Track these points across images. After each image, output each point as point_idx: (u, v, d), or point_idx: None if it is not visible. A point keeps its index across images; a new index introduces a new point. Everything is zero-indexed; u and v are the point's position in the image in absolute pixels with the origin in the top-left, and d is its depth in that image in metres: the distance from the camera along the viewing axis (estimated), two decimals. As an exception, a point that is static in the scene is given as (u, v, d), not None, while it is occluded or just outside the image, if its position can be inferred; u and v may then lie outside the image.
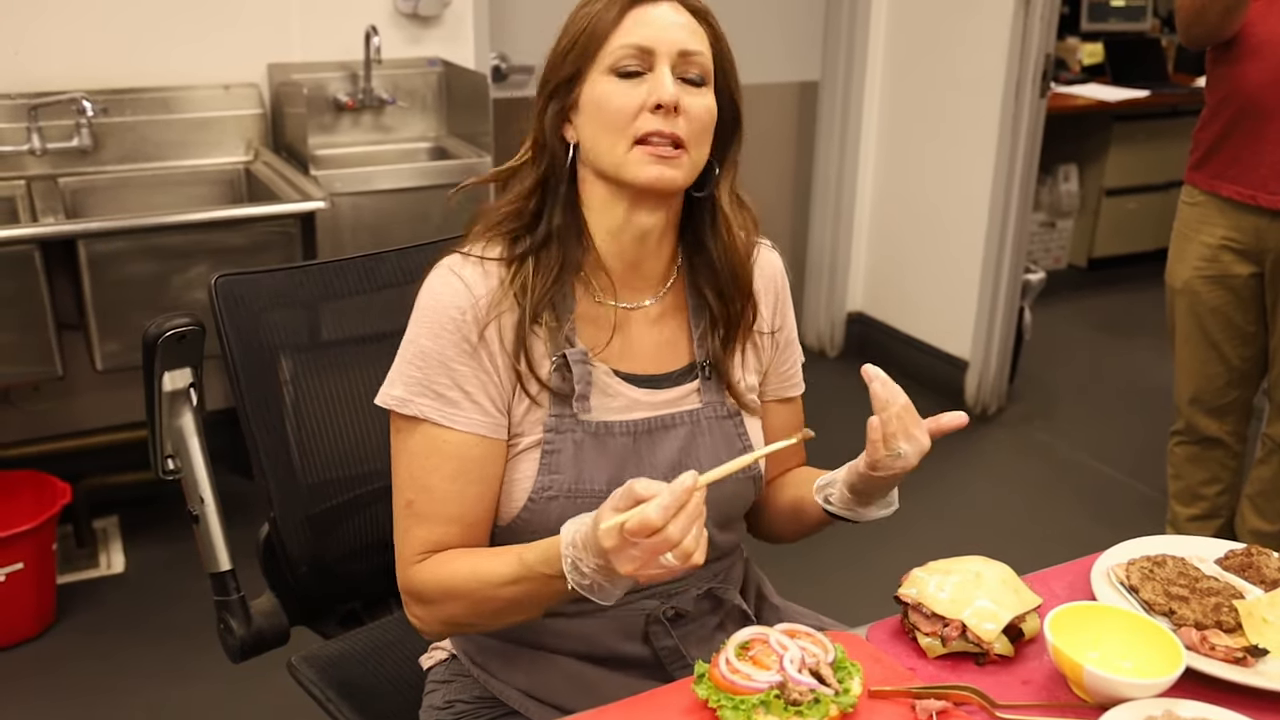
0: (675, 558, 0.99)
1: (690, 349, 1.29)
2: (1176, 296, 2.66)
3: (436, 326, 1.18)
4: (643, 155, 1.15)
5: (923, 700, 1.08)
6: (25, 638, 2.55)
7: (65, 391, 2.96)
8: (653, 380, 1.26)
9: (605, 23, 1.16)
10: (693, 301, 1.29)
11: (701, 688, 1.06)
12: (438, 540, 1.20)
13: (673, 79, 1.16)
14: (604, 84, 1.16)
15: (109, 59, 2.88)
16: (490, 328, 1.18)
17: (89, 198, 2.86)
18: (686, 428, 1.26)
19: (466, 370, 1.18)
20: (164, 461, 1.45)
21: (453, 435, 1.18)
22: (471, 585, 1.15)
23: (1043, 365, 4.23)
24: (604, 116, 1.16)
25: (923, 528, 3.06)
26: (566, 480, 1.20)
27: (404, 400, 1.18)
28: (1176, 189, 5.20)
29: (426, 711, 1.35)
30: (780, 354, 1.37)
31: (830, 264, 4.22)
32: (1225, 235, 2.54)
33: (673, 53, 1.16)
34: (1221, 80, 2.49)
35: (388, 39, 3.12)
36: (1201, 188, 2.58)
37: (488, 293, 1.19)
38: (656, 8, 1.17)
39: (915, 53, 3.90)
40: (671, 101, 1.14)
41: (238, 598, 1.48)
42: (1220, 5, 2.35)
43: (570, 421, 1.20)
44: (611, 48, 1.16)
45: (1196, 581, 1.24)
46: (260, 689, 2.30)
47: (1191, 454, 2.76)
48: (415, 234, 2.07)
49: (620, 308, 1.25)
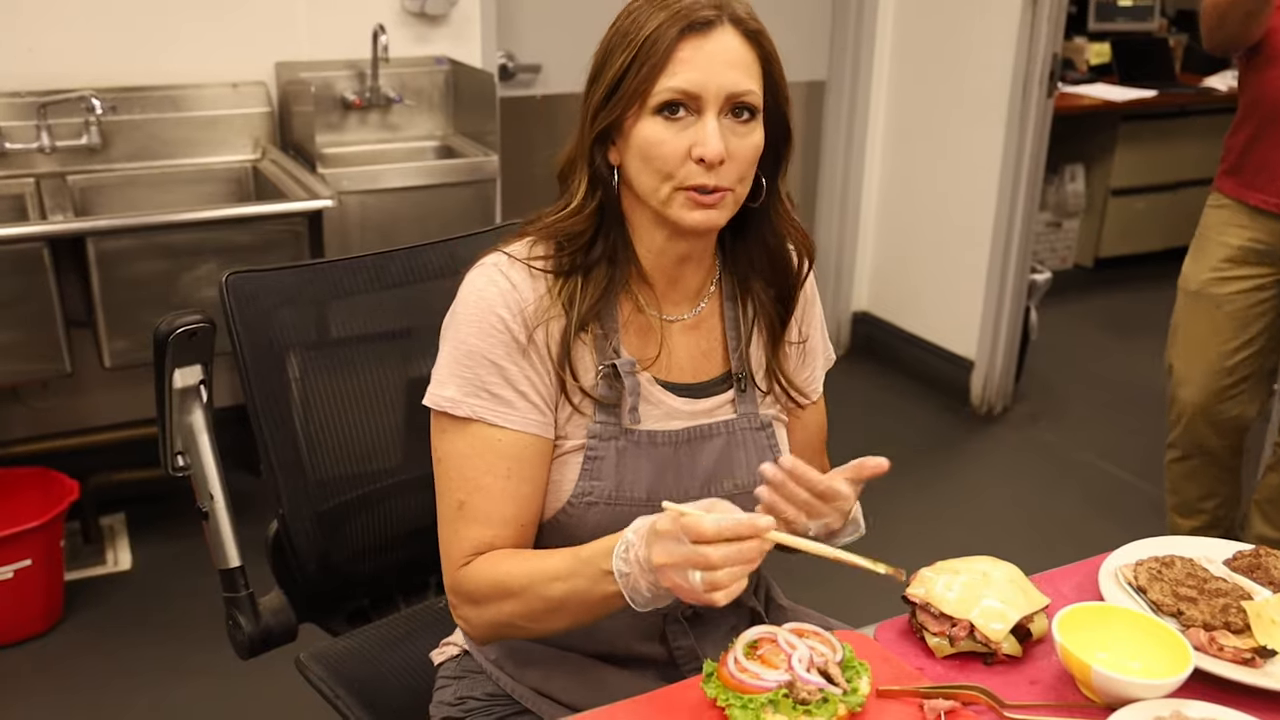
0: (702, 583, 0.99)
1: (725, 359, 1.29)
2: (1190, 300, 2.63)
3: (486, 326, 1.17)
4: (686, 200, 1.15)
5: (931, 700, 1.08)
6: (33, 634, 2.56)
7: (73, 389, 2.96)
8: (690, 389, 1.26)
9: (656, 58, 1.11)
10: (730, 313, 1.29)
11: (710, 687, 1.06)
12: (489, 541, 1.19)
13: (719, 124, 1.13)
14: (649, 125, 1.13)
15: (118, 57, 2.88)
16: (539, 331, 1.18)
17: (98, 195, 2.86)
18: (723, 438, 1.26)
19: (516, 369, 1.17)
20: (174, 458, 1.46)
21: (507, 435, 1.17)
22: (525, 582, 1.14)
23: (1049, 365, 4.22)
24: (649, 160, 1.14)
25: (928, 527, 3.06)
26: (607, 487, 1.20)
27: (456, 401, 1.17)
28: (1184, 189, 5.26)
29: (437, 707, 1.35)
30: (804, 361, 1.37)
31: (836, 263, 4.22)
32: (1251, 238, 2.51)
33: (720, 97, 1.12)
34: (1248, 86, 2.48)
35: (395, 38, 3.12)
36: (1229, 194, 2.55)
37: (536, 299, 1.18)
38: (709, 40, 1.13)
39: (922, 53, 3.90)
40: (716, 158, 1.12)
41: (246, 594, 1.48)
42: (1241, 10, 2.34)
43: (614, 429, 1.21)
44: (659, 88, 1.12)
45: (1205, 582, 1.24)
46: (268, 686, 2.30)
47: (1188, 469, 2.74)
48: (422, 232, 2.06)
49: (664, 320, 1.25)
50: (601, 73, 1.16)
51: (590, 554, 1.10)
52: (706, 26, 1.12)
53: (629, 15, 1.15)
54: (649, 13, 1.13)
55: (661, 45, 1.11)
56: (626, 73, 1.13)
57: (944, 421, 3.80)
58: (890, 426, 3.71)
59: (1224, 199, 2.57)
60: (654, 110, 1.13)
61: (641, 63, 1.12)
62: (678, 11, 1.12)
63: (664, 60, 1.11)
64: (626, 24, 1.15)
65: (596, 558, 1.09)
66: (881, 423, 3.72)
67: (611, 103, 1.15)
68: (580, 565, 1.10)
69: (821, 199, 4.20)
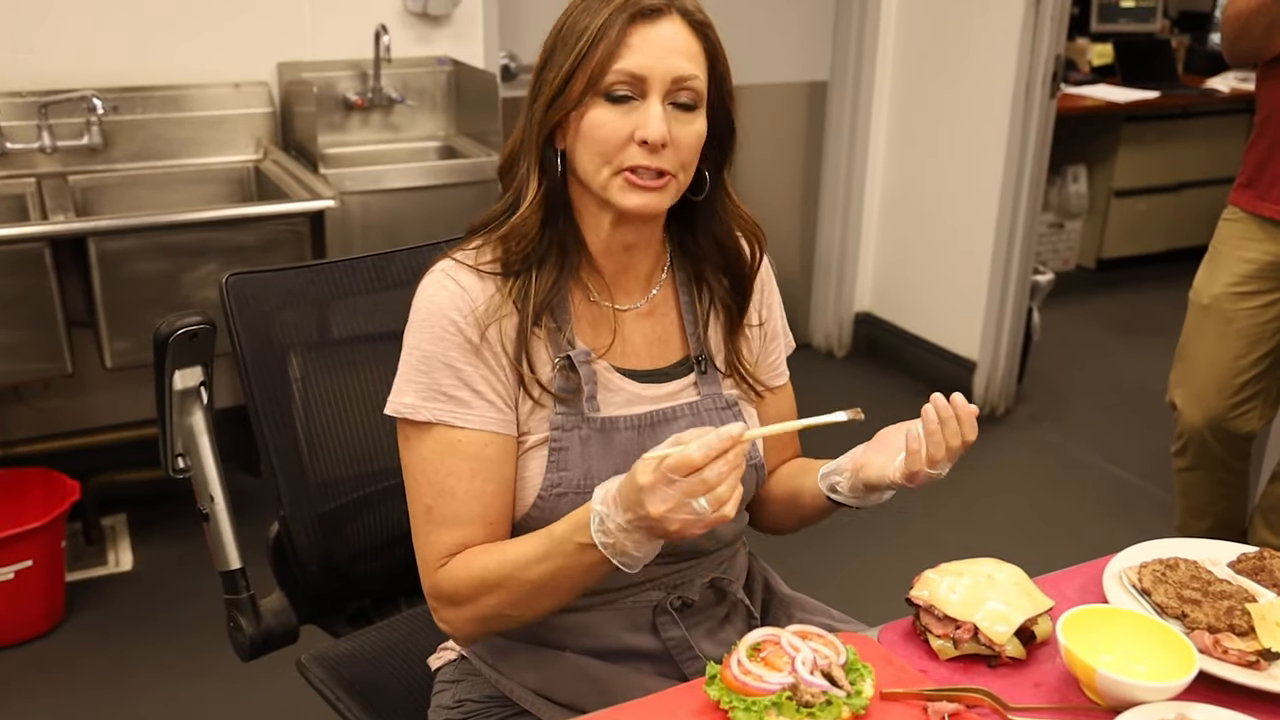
0: (709, 503, 1.01)
1: (683, 344, 1.31)
2: (1200, 314, 2.60)
3: (438, 330, 1.19)
4: (626, 184, 1.17)
5: (934, 702, 1.08)
6: (34, 635, 2.55)
7: (75, 389, 2.96)
8: (651, 375, 1.28)
9: (607, 43, 1.14)
10: (685, 297, 1.31)
11: (713, 689, 1.06)
12: (460, 542, 1.20)
13: (663, 109, 1.15)
14: (595, 109, 1.16)
15: (119, 57, 2.88)
16: (491, 329, 1.19)
17: (99, 196, 2.86)
18: (688, 419, 1.27)
19: (472, 370, 1.19)
20: (174, 460, 1.46)
21: (467, 434, 1.19)
22: (504, 571, 1.15)
23: (1051, 366, 4.22)
24: (592, 142, 1.16)
25: (930, 527, 3.06)
26: (575, 476, 1.21)
27: (415, 406, 1.19)
28: (1186, 190, 5.26)
29: (435, 711, 1.35)
30: (767, 344, 1.39)
31: (839, 264, 4.22)
32: (1266, 251, 2.48)
33: (666, 80, 1.15)
34: (1266, 98, 2.46)
35: (397, 38, 3.12)
36: (1244, 208, 2.53)
37: (486, 299, 1.20)
38: (657, 26, 1.15)
39: (925, 53, 3.89)
40: (659, 140, 1.14)
41: (247, 596, 1.48)
42: (1264, 21, 2.32)
43: (576, 419, 1.22)
44: (608, 71, 1.14)
45: (1209, 585, 1.24)
46: (269, 687, 2.30)
47: (1196, 478, 2.72)
48: (425, 233, 2.06)
49: (615, 309, 1.27)
50: (551, 61, 1.18)
51: (563, 531, 1.12)
52: (655, 15, 1.15)
53: (580, 5, 1.18)
54: (597, 4, 1.16)
55: (611, 31, 1.14)
56: (581, 63, 1.15)
57: (946, 422, 3.79)
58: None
59: (1239, 212, 2.54)
60: (602, 95, 1.15)
61: (593, 50, 1.14)
62: (624, 4, 1.15)
63: (614, 46, 1.14)
64: (577, 13, 1.17)
65: (570, 533, 1.10)
66: (883, 423, 3.69)
67: (565, 93, 1.16)
68: (555, 545, 1.12)
69: (824, 199, 4.20)
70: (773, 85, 4.03)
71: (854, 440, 1.32)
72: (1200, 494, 2.74)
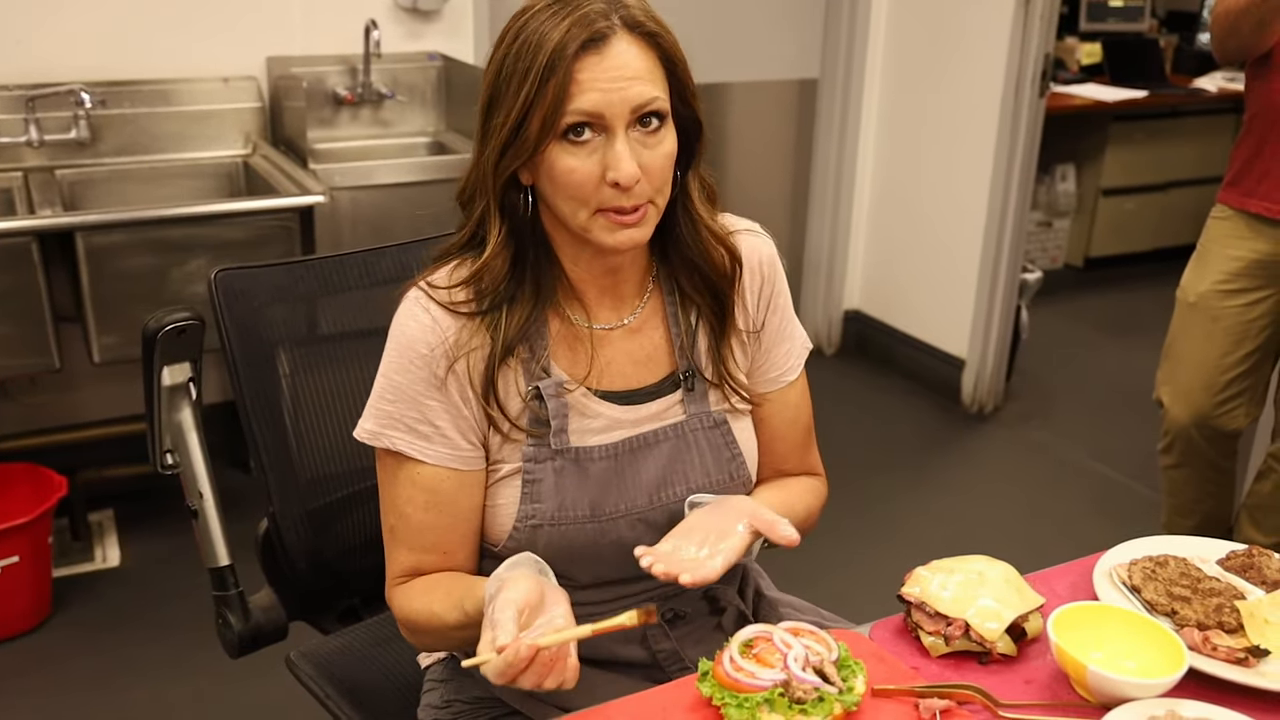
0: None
1: (672, 359, 1.27)
2: (1187, 312, 2.60)
3: (405, 361, 1.18)
4: (606, 223, 1.12)
5: (926, 699, 1.08)
6: (21, 631, 2.54)
7: (62, 384, 2.95)
8: (633, 396, 1.24)
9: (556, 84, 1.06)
10: (671, 308, 1.27)
11: (705, 685, 1.06)
12: (415, 565, 1.23)
13: (629, 141, 1.09)
14: (557, 152, 1.09)
15: (107, 51, 2.87)
16: (459, 363, 1.17)
17: (87, 190, 2.85)
18: (671, 443, 1.25)
19: (436, 405, 1.18)
20: (163, 456, 1.45)
21: (425, 468, 1.19)
22: (431, 625, 1.19)
23: (1039, 364, 4.23)
24: (564, 187, 1.11)
25: (919, 526, 3.06)
26: (549, 508, 1.20)
27: (375, 434, 1.19)
28: (1174, 189, 5.27)
29: (424, 710, 1.35)
30: (767, 349, 1.34)
31: (828, 262, 4.22)
32: (1253, 249, 2.49)
33: (625, 112, 1.08)
34: (1254, 96, 2.47)
35: (387, 33, 3.11)
36: (1232, 205, 2.53)
37: (457, 330, 1.17)
38: (605, 53, 1.07)
39: (915, 52, 3.90)
40: (631, 181, 1.09)
41: (236, 593, 1.48)
42: (1253, 19, 2.32)
43: (548, 450, 1.20)
44: (563, 113, 1.07)
45: (1198, 582, 1.24)
46: (258, 684, 2.30)
47: (1183, 476, 2.73)
48: (414, 228, 2.05)
49: (597, 329, 1.23)
50: (497, 105, 1.11)
51: (473, 608, 1.11)
52: (601, 41, 1.08)
53: (518, 38, 1.09)
54: (539, 36, 1.07)
55: (559, 69, 1.06)
56: (531, 107, 1.08)
57: (935, 420, 3.81)
58: (881, 425, 3.71)
59: (1227, 210, 2.55)
60: (560, 135, 1.09)
61: (543, 92, 1.07)
62: (567, 31, 1.07)
63: (564, 84, 1.06)
64: (517, 49, 1.09)
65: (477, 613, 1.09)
66: (872, 421, 3.72)
67: (519, 140, 1.10)
68: (467, 619, 1.13)
69: (813, 197, 4.20)
70: (762, 83, 4.03)
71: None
72: (1187, 492, 2.75)
